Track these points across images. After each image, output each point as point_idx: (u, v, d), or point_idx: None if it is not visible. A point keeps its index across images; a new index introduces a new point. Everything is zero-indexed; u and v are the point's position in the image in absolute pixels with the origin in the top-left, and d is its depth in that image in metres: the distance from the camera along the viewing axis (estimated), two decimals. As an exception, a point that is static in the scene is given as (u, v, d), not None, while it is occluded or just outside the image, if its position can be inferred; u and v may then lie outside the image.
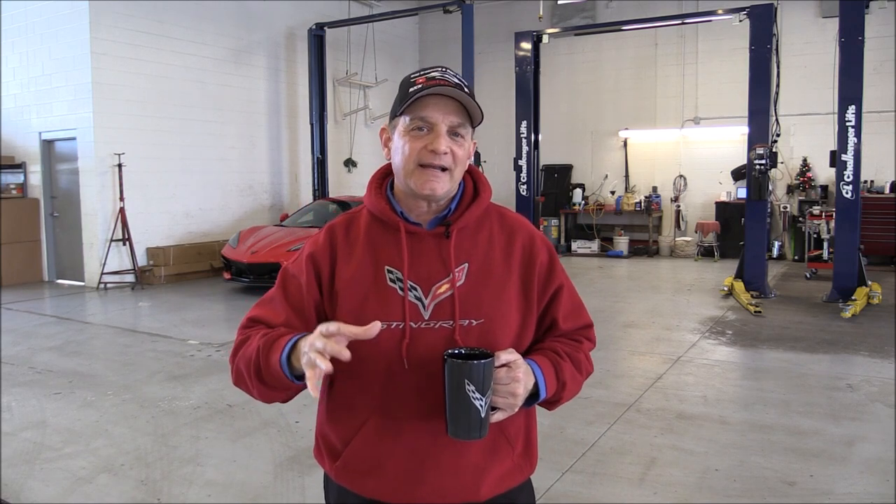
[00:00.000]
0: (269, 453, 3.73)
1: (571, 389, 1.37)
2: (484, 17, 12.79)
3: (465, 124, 1.29)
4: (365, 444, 1.31)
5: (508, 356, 1.22)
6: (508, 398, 1.21)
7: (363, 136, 13.60)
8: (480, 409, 1.17)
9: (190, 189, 10.40)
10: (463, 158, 1.31)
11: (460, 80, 1.30)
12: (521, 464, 1.39)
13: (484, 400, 1.17)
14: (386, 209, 1.35)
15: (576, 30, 11.39)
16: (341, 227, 1.40)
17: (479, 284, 1.32)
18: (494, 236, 1.38)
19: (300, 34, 12.06)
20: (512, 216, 1.44)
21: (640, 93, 12.99)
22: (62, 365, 5.55)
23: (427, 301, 1.30)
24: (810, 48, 11.37)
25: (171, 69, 10.02)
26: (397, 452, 1.30)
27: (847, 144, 7.58)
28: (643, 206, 12.63)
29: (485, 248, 1.35)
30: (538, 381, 1.28)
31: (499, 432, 1.33)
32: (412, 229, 1.33)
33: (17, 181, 10.03)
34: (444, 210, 1.35)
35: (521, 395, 1.22)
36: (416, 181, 1.28)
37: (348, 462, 1.34)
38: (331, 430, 1.38)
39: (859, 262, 7.78)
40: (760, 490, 3.21)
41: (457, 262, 1.32)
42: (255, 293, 8.52)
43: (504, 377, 1.21)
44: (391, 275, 1.31)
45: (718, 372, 5.24)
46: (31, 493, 3.29)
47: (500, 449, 1.35)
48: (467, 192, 1.39)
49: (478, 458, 1.32)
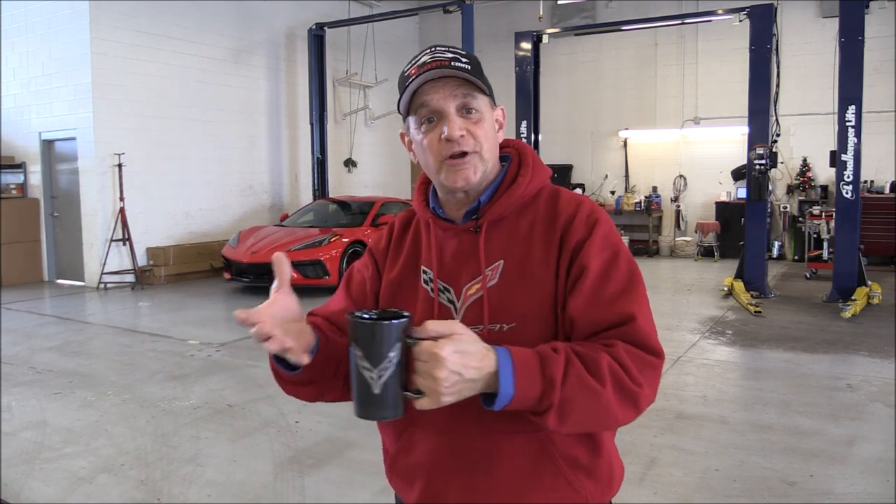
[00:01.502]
0: (269, 453, 3.73)
1: (578, 399, 1.00)
2: (484, 17, 12.79)
3: (472, 95, 1.15)
4: (402, 453, 1.24)
5: (441, 327, 0.96)
6: (428, 380, 0.95)
7: (363, 136, 13.60)
8: (371, 382, 0.96)
9: (190, 189, 10.41)
10: (486, 134, 1.17)
11: (455, 52, 1.18)
12: (584, 490, 1.16)
13: (375, 372, 0.95)
14: (421, 206, 1.27)
15: (576, 30, 11.39)
16: (399, 224, 1.33)
17: (512, 284, 1.15)
18: (536, 225, 1.19)
19: (300, 34, 12.06)
20: (567, 197, 1.22)
21: (640, 93, 12.99)
22: (62, 365, 5.55)
23: (459, 304, 1.18)
24: (810, 48, 11.37)
25: (171, 69, 10.02)
26: (429, 465, 1.19)
27: (847, 144, 7.57)
28: (643, 206, 12.63)
29: (524, 241, 1.18)
30: (499, 371, 0.97)
31: (543, 453, 1.13)
32: (444, 225, 1.22)
33: (17, 181, 10.03)
34: (475, 201, 1.20)
35: (445, 380, 0.93)
36: (446, 177, 1.16)
37: (392, 467, 1.28)
38: (380, 428, 1.31)
39: (859, 262, 7.78)
40: (760, 490, 3.21)
41: (490, 260, 1.17)
42: (256, 293, 8.52)
43: (423, 352, 0.95)
44: (425, 275, 1.23)
45: (718, 372, 5.24)
46: (31, 493, 3.29)
47: (544, 470, 1.13)
48: (508, 177, 1.22)
49: (513, 478, 1.13)
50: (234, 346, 6.12)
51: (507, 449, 1.12)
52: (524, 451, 1.13)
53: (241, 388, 4.84)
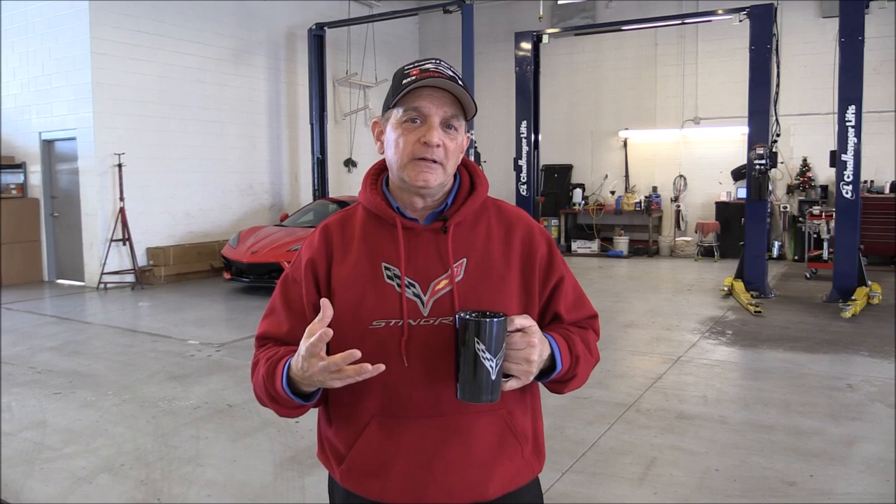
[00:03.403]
0: (269, 453, 3.73)
1: (583, 371, 1.35)
2: (484, 17, 12.80)
3: (458, 116, 1.28)
4: (369, 445, 1.29)
5: (523, 321, 1.19)
6: (523, 364, 1.18)
7: (363, 136, 13.60)
8: (491, 370, 1.14)
9: (190, 189, 10.40)
10: (455, 151, 1.29)
11: (454, 73, 1.29)
12: (530, 461, 1.37)
13: (494, 361, 1.14)
14: (382, 205, 1.33)
15: (576, 30, 11.39)
16: (336, 225, 1.38)
17: (478, 279, 1.30)
18: (493, 230, 1.36)
19: (300, 34, 12.06)
20: (510, 209, 1.42)
21: (640, 93, 12.99)
22: (62, 365, 5.55)
23: (426, 297, 1.28)
24: (810, 48, 11.37)
25: (171, 69, 10.02)
26: (402, 453, 1.27)
27: (847, 144, 7.58)
28: (643, 206, 12.63)
29: (483, 243, 1.34)
30: (554, 352, 1.26)
31: (506, 428, 1.31)
32: (409, 225, 1.32)
33: (17, 181, 10.03)
34: (441, 205, 1.34)
35: (536, 361, 1.19)
36: (409, 173, 1.26)
37: (353, 465, 1.31)
38: (333, 434, 1.35)
39: (859, 262, 7.79)
40: (760, 490, 3.21)
41: (455, 258, 1.30)
42: (256, 293, 8.53)
43: (518, 342, 1.18)
44: (388, 272, 1.30)
45: (718, 372, 5.24)
46: (31, 493, 3.29)
47: (508, 446, 1.32)
48: (464, 186, 1.37)
49: (486, 456, 1.29)
50: (234, 346, 6.12)
51: (479, 426, 1.29)
52: (491, 427, 1.30)
53: (241, 388, 4.84)
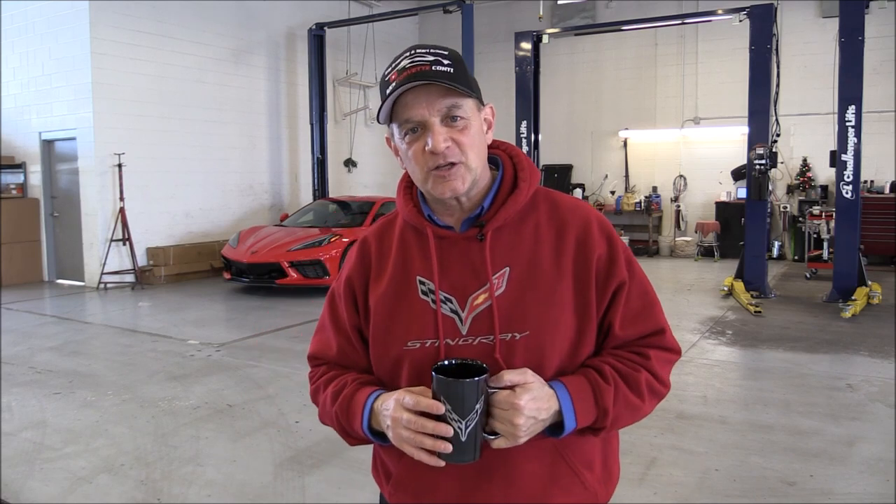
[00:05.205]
0: (269, 453, 3.73)
1: (623, 416, 1.15)
2: (484, 17, 12.80)
3: (457, 103, 1.11)
4: (415, 465, 1.15)
5: (515, 377, 1.05)
6: (507, 426, 1.04)
7: (363, 136, 13.60)
8: (460, 432, 1.03)
9: (190, 189, 10.41)
10: (473, 140, 1.13)
11: (436, 54, 1.12)
12: (594, 490, 1.20)
13: (464, 423, 1.03)
14: (413, 212, 1.21)
15: (576, 30, 11.39)
16: (374, 237, 1.27)
17: (523, 291, 1.14)
18: (542, 231, 1.18)
19: (300, 34, 12.06)
20: (565, 202, 1.22)
21: (639, 93, 12.99)
22: (62, 365, 5.55)
23: (464, 314, 1.14)
24: (810, 48, 11.37)
25: (171, 69, 10.02)
26: (446, 477, 1.16)
27: (847, 144, 7.57)
28: (643, 206, 12.63)
29: (530, 247, 1.16)
30: (562, 409, 1.09)
31: (558, 458, 1.16)
32: (442, 233, 1.18)
33: (17, 181, 10.03)
34: (477, 208, 1.18)
35: (523, 425, 1.04)
36: (433, 187, 1.13)
37: (400, 483, 1.23)
38: (385, 452, 1.26)
39: (859, 262, 7.78)
40: (760, 490, 3.21)
41: (495, 268, 1.15)
42: (256, 293, 8.52)
43: (503, 402, 1.04)
44: (423, 286, 1.17)
45: (718, 372, 5.24)
46: (31, 493, 3.29)
47: (562, 477, 1.17)
48: (506, 181, 1.20)
49: (533, 490, 1.15)
50: (234, 346, 6.12)
51: (522, 457, 1.15)
52: (538, 456, 1.16)
53: (241, 388, 4.84)
